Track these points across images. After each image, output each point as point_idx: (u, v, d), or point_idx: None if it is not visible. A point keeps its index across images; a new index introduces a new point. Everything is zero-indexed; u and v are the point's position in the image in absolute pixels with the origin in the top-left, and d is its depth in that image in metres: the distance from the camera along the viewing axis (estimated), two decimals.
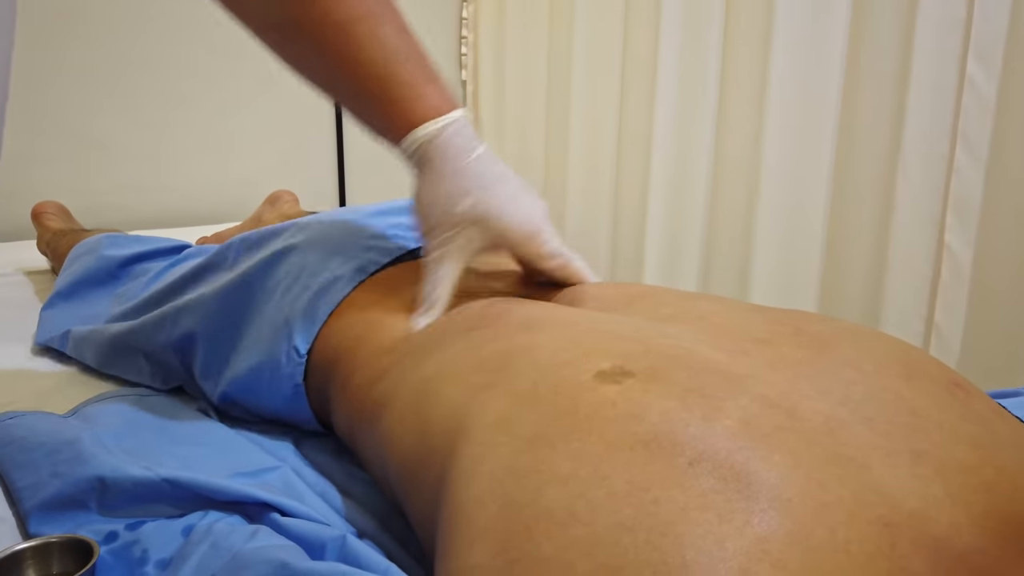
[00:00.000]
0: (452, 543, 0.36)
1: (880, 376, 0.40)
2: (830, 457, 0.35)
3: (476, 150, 0.58)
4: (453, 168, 0.57)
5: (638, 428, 0.35)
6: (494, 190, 0.57)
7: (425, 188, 0.58)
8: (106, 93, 1.71)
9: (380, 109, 0.58)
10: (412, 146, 0.58)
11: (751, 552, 0.30)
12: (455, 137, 0.58)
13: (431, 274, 0.58)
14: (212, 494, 0.50)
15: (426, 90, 0.58)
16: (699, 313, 0.48)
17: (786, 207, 1.45)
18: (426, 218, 0.59)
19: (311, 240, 0.68)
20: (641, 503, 0.32)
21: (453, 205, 0.57)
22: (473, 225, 0.57)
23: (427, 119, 0.57)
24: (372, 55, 0.57)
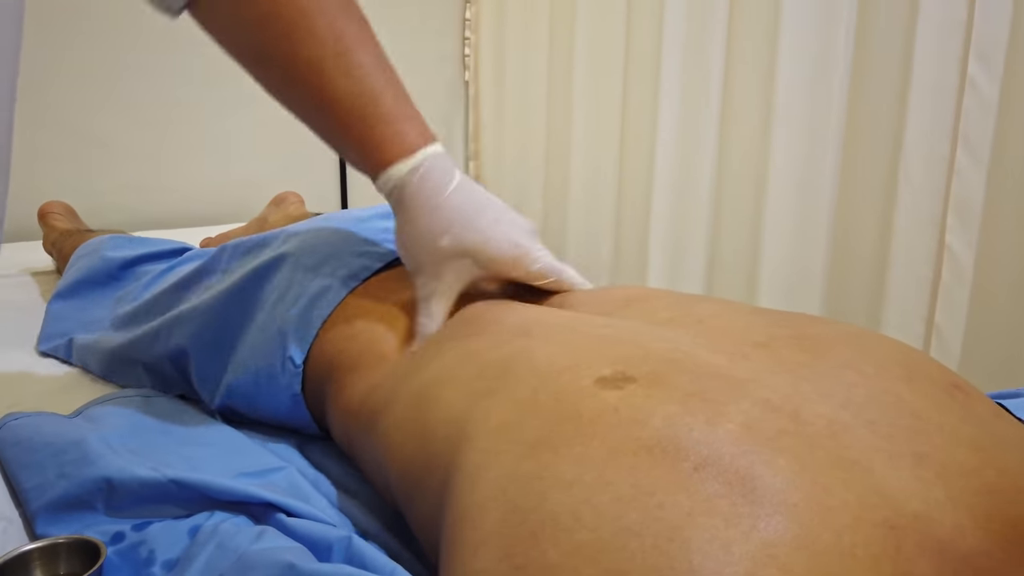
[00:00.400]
0: (456, 549, 0.36)
1: (881, 379, 0.41)
2: (834, 461, 0.35)
3: (452, 183, 0.58)
4: (431, 205, 0.57)
5: (641, 433, 0.36)
6: (474, 222, 0.57)
7: (405, 228, 0.59)
8: (110, 94, 1.72)
9: (354, 147, 0.58)
10: (387, 185, 0.58)
11: (758, 557, 0.31)
12: (431, 172, 0.57)
13: (423, 310, 0.58)
14: (218, 495, 0.50)
15: (399, 127, 0.58)
16: (697, 317, 0.49)
17: (790, 209, 1.45)
18: (411, 257, 0.59)
19: (302, 248, 0.68)
20: (647, 508, 0.32)
21: (434, 242, 0.57)
22: (457, 259, 0.57)
23: (400, 157, 0.57)
24: (344, 92, 0.56)
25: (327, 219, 0.74)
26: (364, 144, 0.58)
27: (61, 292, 0.97)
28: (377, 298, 0.61)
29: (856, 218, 1.40)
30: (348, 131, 0.58)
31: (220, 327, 0.68)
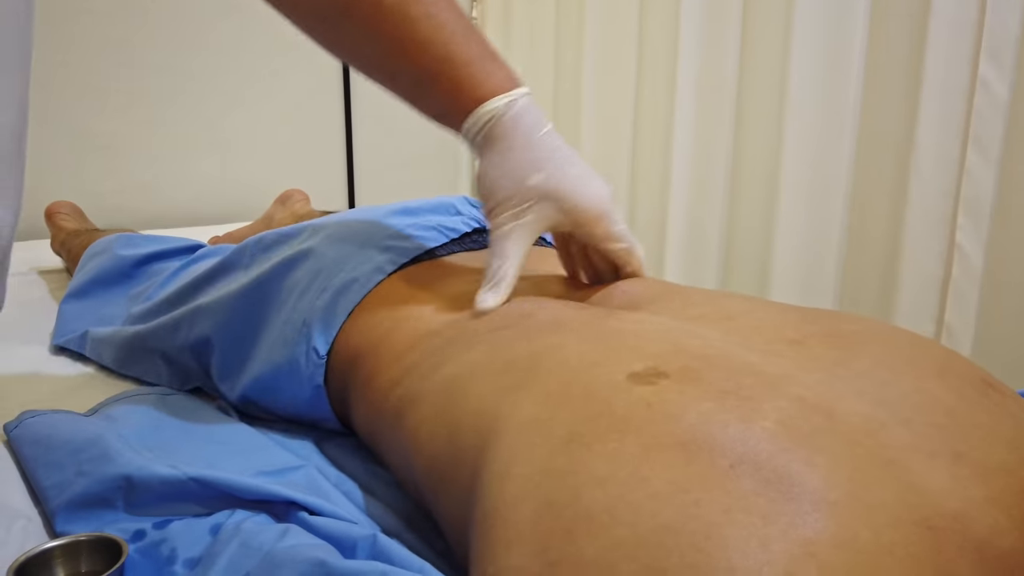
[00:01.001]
0: (489, 545, 0.36)
1: (914, 376, 0.40)
2: (871, 459, 0.35)
3: (545, 126, 0.57)
4: (524, 142, 0.56)
5: (676, 429, 0.35)
6: (567, 167, 0.56)
7: (494, 162, 0.56)
8: (115, 94, 1.72)
9: (443, 88, 0.57)
10: (480, 121, 0.56)
11: (796, 554, 0.30)
12: (527, 110, 0.56)
13: (498, 249, 0.56)
14: (239, 493, 0.50)
15: (490, 66, 0.57)
16: (728, 313, 0.48)
17: (802, 208, 1.45)
18: (494, 192, 0.57)
19: (327, 242, 0.68)
20: (683, 505, 0.32)
21: (525, 178, 0.55)
22: (544, 200, 0.55)
23: (495, 94, 0.56)
24: (430, 35, 0.56)
25: (351, 214, 0.74)
26: (456, 84, 0.56)
27: (74, 292, 0.97)
28: (404, 291, 0.61)
29: (867, 217, 1.39)
30: (439, 74, 0.56)
31: (245, 318, 0.68)
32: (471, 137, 0.58)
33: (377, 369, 0.56)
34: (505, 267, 0.55)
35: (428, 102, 0.59)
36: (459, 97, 0.57)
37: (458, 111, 0.57)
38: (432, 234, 0.67)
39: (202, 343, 0.71)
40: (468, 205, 0.74)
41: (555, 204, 0.56)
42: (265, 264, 0.70)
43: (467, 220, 0.71)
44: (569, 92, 1.86)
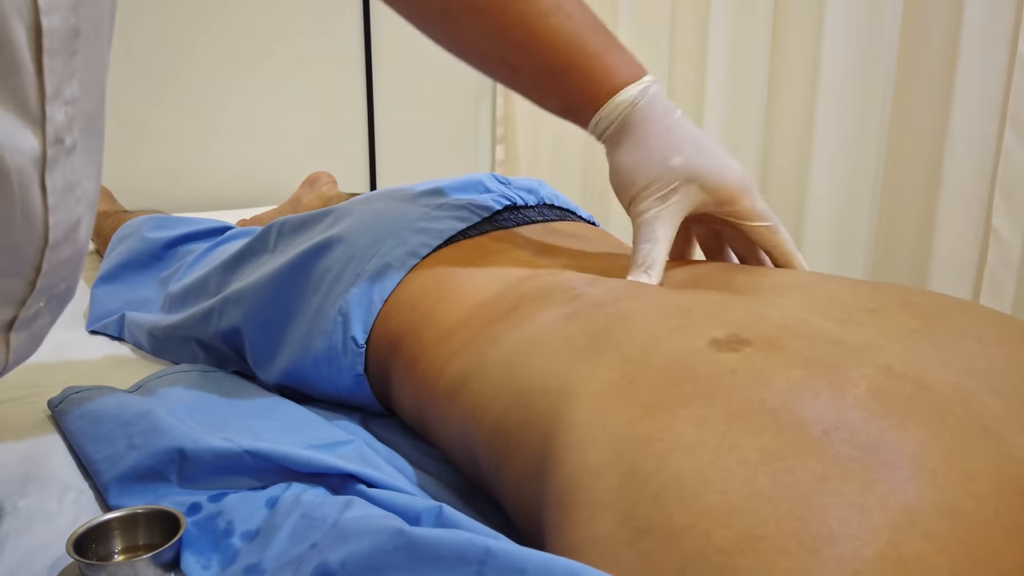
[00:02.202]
0: (570, 515, 0.35)
1: (1001, 347, 0.39)
2: (967, 427, 0.34)
3: (677, 111, 0.57)
4: (660, 128, 0.56)
5: (765, 396, 0.34)
6: (703, 148, 0.56)
7: (631, 150, 0.57)
8: (142, 78, 1.71)
9: (573, 81, 0.57)
10: (614, 112, 0.57)
11: (899, 523, 0.29)
12: (657, 98, 0.57)
13: (647, 234, 0.55)
14: (295, 466, 0.49)
15: (619, 56, 0.57)
16: (802, 283, 0.47)
17: (835, 192, 1.44)
18: (636, 179, 0.57)
19: (356, 227, 0.67)
20: (777, 472, 0.31)
21: (665, 161, 0.55)
22: (689, 182, 0.55)
23: (627, 84, 0.57)
24: (559, 28, 0.56)
25: (377, 196, 0.73)
26: (588, 75, 0.57)
27: (105, 275, 0.97)
28: (441, 273, 0.60)
29: (899, 200, 1.38)
30: (569, 66, 0.57)
31: (274, 307, 0.67)
32: (603, 128, 0.58)
33: (422, 350, 0.55)
34: (656, 250, 0.55)
35: (554, 96, 0.59)
36: (590, 89, 0.57)
37: (588, 103, 0.57)
38: (463, 213, 0.66)
39: (233, 333, 0.70)
40: (496, 182, 0.73)
41: (698, 184, 0.55)
42: (292, 251, 0.69)
43: (497, 198, 0.70)
44: None
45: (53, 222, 0.41)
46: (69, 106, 0.39)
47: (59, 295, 0.48)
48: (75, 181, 0.42)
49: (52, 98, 0.39)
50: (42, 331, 0.52)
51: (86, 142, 0.43)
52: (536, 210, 0.71)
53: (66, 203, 0.42)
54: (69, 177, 0.41)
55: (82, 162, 0.42)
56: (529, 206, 0.71)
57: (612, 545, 0.32)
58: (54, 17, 0.37)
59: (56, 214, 0.41)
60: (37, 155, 0.39)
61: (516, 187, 0.72)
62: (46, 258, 0.44)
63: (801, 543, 0.29)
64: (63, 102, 0.39)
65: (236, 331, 0.70)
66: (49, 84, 0.38)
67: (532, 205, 0.72)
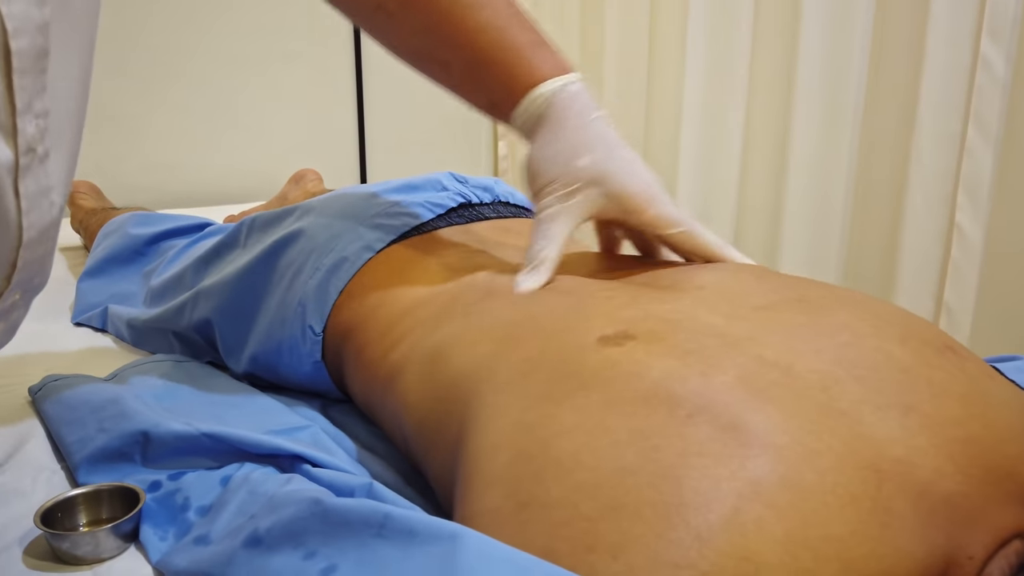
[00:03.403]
0: (469, 490, 0.39)
1: (875, 338, 0.43)
2: (823, 410, 0.38)
3: (597, 111, 0.57)
4: (575, 124, 0.56)
5: (640, 385, 0.38)
6: (615, 152, 0.56)
7: (543, 145, 0.56)
8: (136, 76, 1.75)
9: (497, 74, 0.57)
10: (533, 105, 0.57)
11: (744, 492, 0.33)
12: (576, 96, 0.57)
13: (543, 231, 0.56)
14: (248, 447, 0.54)
15: (543, 52, 0.58)
16: (699, 283, 0.51)
17: (809, 186, 1.47)
18: (541, 174, 0.56)
19: (317, 222, 0.71)
20: (643, 450, 0.35)
21: (572, 160, 0.55)
22: (593, 184, 0.55)
23: (549, 77, 0.57)
24: (485, 23, 0.57)
25: (339, 194, 0.77)
26: (510, 69, 0.57)
27: (90, 270, 1.01)
28: (391, 267, 0.64)
29: (869, 195, 1.41)
30: (492, 60, 0.57)
31: (241, 300, 0.71)
32: (522, 121, 0.58)
33: (367, 341, 0.59)
34: (548, 249, 0.55)
35: (480, 90, 0.60)
36: (511, 83, 0.57)
37: (509, 98, 0.58)
38: (419, 210, 0.70)
39: (205, 324, 0.75)
40: (454, 180, 0.76)
41: (602, 188, 0.55)
42: (259, 246, 0.73)
43: (453, 195, 0.73)
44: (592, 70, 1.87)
45: (27, 224, 0.45)
46: (40, 118, 0.42)
47: (33, 287, 0.52)
48: (48, 186, 0.45)
49: (23, 112, 0.42)
50: (17, 321, 0.56)
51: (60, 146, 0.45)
52: (490, 207, 0.75)
53: (39, 206, 0.45)
54: (42, 182, 0.44)
55: (55, 166, 0.45)
56: (484, 203, 0.75)
57: (498, 516, 0.36)
58: (22, 40, 0.40)
59: (29, 216, 0.44)
60: (10, 164, 0.42)
61: (472, 185, 0.76)
62: (20, 256, 0.48)
63: (655, 510, 0.33)
64: (34, 115, 0.42)
65: (208, 323, 0.74)
66: (20, 100, 0.41)
67: (487, 203, 0.76)
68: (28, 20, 0.39)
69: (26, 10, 0.39)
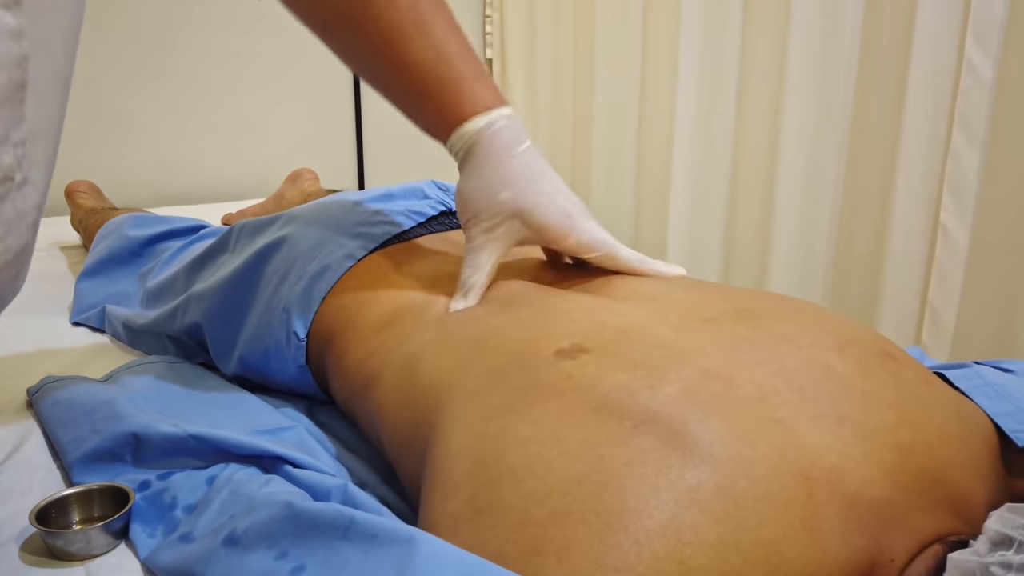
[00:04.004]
0: (431, 495, 0.42)
1: (813, 348, 0.45)
2: (761, 420, 0.40)
3: (521, 145, 0.60)
4: (496, 160, 0.59)
5: (590, 397, 0.41)
6: (534, 185, 0.59)
7: (469, 178, 0.60)
8: (134, 74, 1.78)
9: (430, 105, 0.60)
10: (460, 140, 0.60)
11: (682, 499, 0.36)
12: (502, 131, 0.59)
13: (471, 261, 0.60)
14: (232, 448, 0.56)
15: (475, 86, 0.60)
16: (650, 295, 0.54)
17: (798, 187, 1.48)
18: (468, 207, 0.60)
19: (302, 229, 0.73)
20: (589, 460, 0.38)
21: (495, 195, 0.58)
22: (514, 217, 0.58)
23: (476, 114, 0.59)
24: (423, 54, 0.59)
25: (323, 203, 0.79)
26: (441, 102, 0.59)
27: (88, 271, 1.04)
28: (371, 275, 0.67)
29: (857, 196, 1.43)
30: (426, 91, 0.60)
31: (229, 306, 0.74)
32: (454, 153, 0.62)
33: (347, 348, 0.62)
34: (476, 277, 0.59)
35: (418, 117, 0.63)
36: (443, 116, 0.60)
37: (442, 129, 0.61)
38: (400, 218, 0.72)
39: (195, 329, 0.77)
40: (436, 189, 0.79)
41: (522, 219, 0.59)
42: (245, 252, 0.76)
43: (434, 204, 0.76)
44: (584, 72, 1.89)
45: (3, 248, 0.46)
46: (18, 147, 0.44)
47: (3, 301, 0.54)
48: (25, 210, 0.46)
49: (0, 143, 0.42)
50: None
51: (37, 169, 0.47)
52: None
53: (16, 230, 0.46)
54: (19, 207, 0.46)
55: (32, 190, 0.47)
56: None
57: (456, 521, 0.39)
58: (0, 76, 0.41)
59: (7, 241, 0.46)
60: None
61: (453, 193, 0.79)
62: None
63: (598, 517, 0.36)
64: (12, 145, 0.43)
65: (198, 327, 0.77)
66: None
67: None
68: (7, 56, 0.40)
69: (4, 46, 0.39)
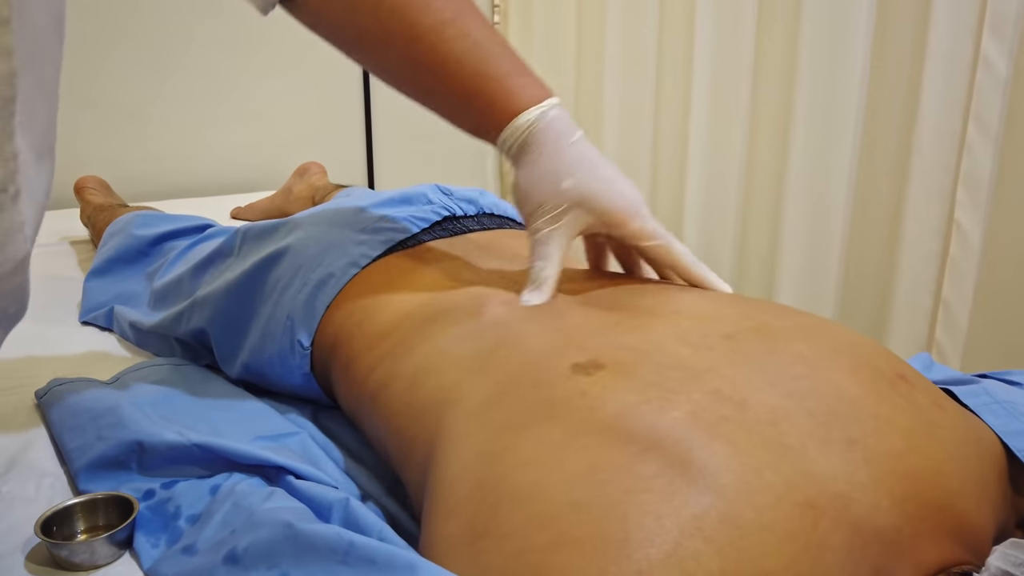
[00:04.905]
0: (432, 516, 0.41)
1: (827, 370, 0.44)
2: (768, 445, 0.39)
3: (575, 134, 0.60)
4: (555, 150, 0.59)
5: (598, 417, 0.40)
6: (595, 172, 0.59)
7: (528, 170, 0.59)
8: (144, 66, 1.77)
9: (478, 105, 0.60)
10: (515, 134, 0.59)
11: (685, 528, 0.35)
12: (555, 122, 0.59)
13: (540, 252, 0.59)
14: (236, 458, 0.56)
15: (522, 80, 0.60)
16: (675, 307, 0.53)
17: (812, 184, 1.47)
18: (530, 199, 0.60)
19: (305, 238, 0.73)
20: (593, 484, 0.37)
21: (557, 184, 0.58)
22: (578, 205, 0.58)
23: (528, 107, 0.59)
24: (466, 54, 0.59)
25: (327, 209, 0.79)
26: (491, 99, 0.59)
27: (96, 270, 1.05)
28: (376, 283, 0.66)
29: (869, 191, 1.41)
30: (473, 90, 0.59)
31: (233, 312, 0.74)
32: (506, 149, 0.61)
33: (353, 357, 0.61)
34: (548, 269, 0.59)
35: (464, 118, 0.62)
36: (493, 112, 0.60)
37: (493, 125, 0.60)
38: (403, 225, 0.72)
39: (200, 332, 0.77)
40: (439, 193, 0.78)
41: (588, 208, 0.58)
42: (250, 258, 0.75)
43: (437, 209, 0.75)
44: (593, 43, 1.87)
45: (1, 259, 0.46)
46: (11, 160, 0.43)
47: (10, 316, 0.53)
48: (21, 221, 0.46)
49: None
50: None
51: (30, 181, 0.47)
52: (475, 220, 0.77)
53: (13, 241, 0.46)
54: (15, 219, 0.45)
55: (27, 202, 0.46)
56: (468, 216, 0.77)
57: (455, 545, 0.38)
58: None
59: (5, 251, 0.46)
60: None
61: (457, 198, 0.78)
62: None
63: (600, 545, 0.35)
64: (4, 159, 0.43)
65: (203, 332, 0.77)
66: None
67: (471, 215, 0.77)
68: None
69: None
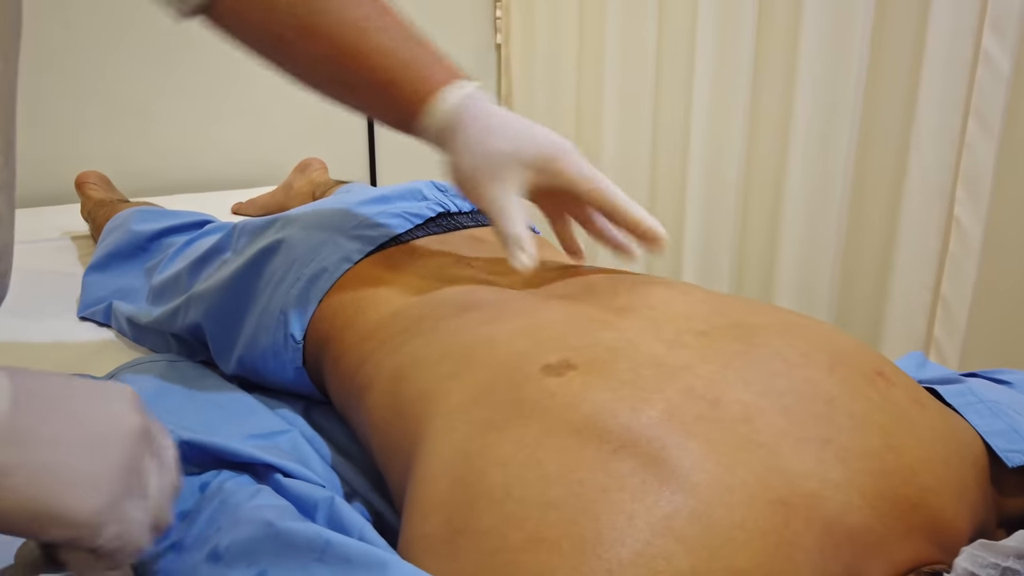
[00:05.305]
0: (411, 514, 0.42)
1: (804, 368, 0.45)
2: (742, 444, 0.40)
3: (498, 108, 0.62)
4: (484, 115, 0.60)
5: (573, 417, 0.41)
6: (527, 131, 0.60)
7: (459, 148, 0.61)
8: (148, 62, 1.78)
9: (404, 89, 0.61)
10: (440, 107, 0.61)
11: (657, 527, 0.36)
12: (481, 95, 0.61)
13: (504, 215, 0.59)
14: (225, 456, 0.57)
15: (445, 63, 0.62)
16: (650, 303, 0.53)
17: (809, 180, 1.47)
18: (462, 169, 0.61)
19: (299, 233, 0.73)
20: (568, 484, 0.37)
21: (491, 145, 0.59)
22: (515, 162, 0.59)
23: (452, 81, 0.61)
24: (389, 45, 0.61)
25: (322, 205, 0.79)
26: (415, 83, 0.61)
27: (95, 265, 1.05)
28: (368, 278, 0.67)
29: (867, 189, 1.41)
30: (395, 79, 0.61)
31: (227, 307, 0.74)
32: (434, 131, 0.62)
33: (343, 352, 0.62)
34: (513, 226, 0.59)
35: (388, 109, 0.63)
36: (420, 91, 0.61)
37: (418, 104, 0.61)
38: (398, 221, 0.72)
39: (196, 328, 0.78)
40: (435, 190, 0.78)
41: (520, 159, 0.59)
42: (245, 253, 0.76)
43: (431, 205, 0.76)
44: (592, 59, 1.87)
45: None
46: None
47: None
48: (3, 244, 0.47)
49: None
50: None
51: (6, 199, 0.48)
52: (469, 216, 0.77)
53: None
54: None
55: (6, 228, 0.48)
56: (463, 212, 0.77)
57: (433, 543, 0.39)
58: None
59: None
60: None
61: (452, 194, 0.78)
62: None
63: (572, 544, 0.35)
64: None
65: (198, 327, 0.78)
66: None
67: (465, 211, 0.78)
68: None
69: None
